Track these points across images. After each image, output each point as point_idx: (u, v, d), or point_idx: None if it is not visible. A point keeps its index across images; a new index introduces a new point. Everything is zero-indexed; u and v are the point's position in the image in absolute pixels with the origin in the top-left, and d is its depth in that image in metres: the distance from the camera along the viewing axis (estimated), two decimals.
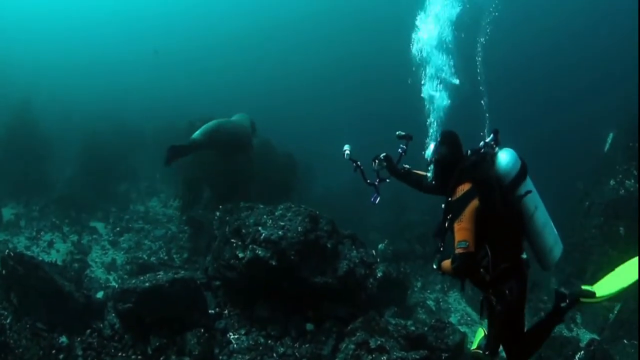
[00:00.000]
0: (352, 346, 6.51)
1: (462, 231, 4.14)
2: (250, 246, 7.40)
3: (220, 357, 7.03)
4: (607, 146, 15.29)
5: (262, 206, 8.19)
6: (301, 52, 50.00)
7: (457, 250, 4.13)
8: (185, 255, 12.21)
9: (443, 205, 4.52)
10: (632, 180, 13.43)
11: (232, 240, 7.79)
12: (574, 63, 39.05)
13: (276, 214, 7.74)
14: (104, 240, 13.75)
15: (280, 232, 7.30)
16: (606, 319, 11.43)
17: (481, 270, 4.35)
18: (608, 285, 5.04)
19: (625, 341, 10.23)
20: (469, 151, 4.63)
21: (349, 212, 13.95)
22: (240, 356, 6.99)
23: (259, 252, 7.24)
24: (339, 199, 15.56)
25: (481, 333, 5.37)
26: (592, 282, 5.09)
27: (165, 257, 12.48)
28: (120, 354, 6.94)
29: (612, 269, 5.16)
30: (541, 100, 37.44)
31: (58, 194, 15.47)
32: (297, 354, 7.08)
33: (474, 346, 5.20)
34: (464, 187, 4.25)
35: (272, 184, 12.12)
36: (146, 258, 12.35)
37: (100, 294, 9.69)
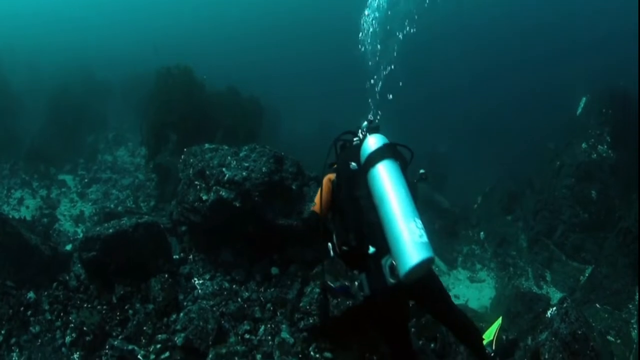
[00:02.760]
0: (318, 289, 6.40)
1: (318, 193, 4.71)
2: (214, 188, 7.18)
3: (185, 303, 6.86)
4: (579, 110, 15.35)
5: (226, 147, 7.93)
6: None
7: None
8: (153, 202, 12.06)
9: None
10: (605, 146, 13.55)
11: (196, 182, 7.56)
12: (553, 29, 39.14)
13: (240, 155, 7.51)
14: (73, 193, 13.64)
15: (244, 173, 7.08)
16: (577, 281, 11.52)
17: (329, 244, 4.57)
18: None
19: (598, 305, 10.29)
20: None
21: (315, 155, 13.94)
22: (204, 302, 6.83)
23: (223, 194, 7.04)
24: (305, 142, 15.41)
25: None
26: None
27: (133, 206, 12.32)
28: (85, 305, 6.79)
29: None
30: (517, 62, 37.57)
31: (27, 149, 15.16)
32: (262, 298, 6.95)
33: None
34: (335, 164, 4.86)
35: (238, 129, 11.93)
36: (113, 207, 12.13)
37: (68, 247, 9.47)
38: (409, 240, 3.84)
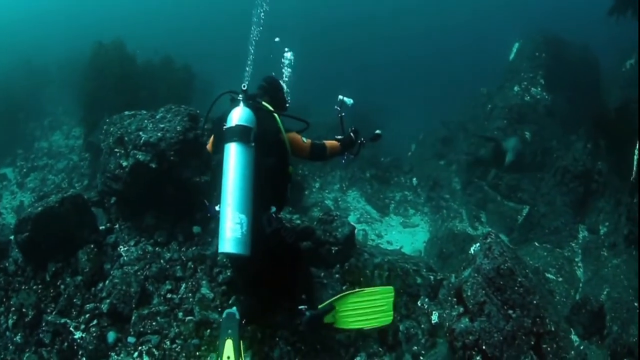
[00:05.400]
0: None
1: None
2: (131, 152, 7.14)
3: (112, 272, 6.84)
4: (512, 55, 15.54)
5: (144, 112, 7.88)
6: None
7: None
8: (86, 181, 11.96)
9: None
10: (539, 88, 13.70)
11: (116, 150, 7.49)
12: None
13: (157, 117, 7.48)
14: (13, 185, 13.51)
15: (159, 134, 7.05)
16: (514, 221, 11.53)
17: None
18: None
19: (537, 244, 10.28)
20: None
21: None
22: (129, 267, 6.84)
23: (139, 157, 7.00)
24: None
25: None
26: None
27: (67, 187, 12.19)
28: (23, 287, 6.84)
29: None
30: (451, 10, 37.51)
31: None
32: (183, 257, 6.98)
33: None
34: None
35: (170, 99, 11.91)
36: (48, 192, 12.02)
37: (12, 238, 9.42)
38: (227, 230, 4.21)
